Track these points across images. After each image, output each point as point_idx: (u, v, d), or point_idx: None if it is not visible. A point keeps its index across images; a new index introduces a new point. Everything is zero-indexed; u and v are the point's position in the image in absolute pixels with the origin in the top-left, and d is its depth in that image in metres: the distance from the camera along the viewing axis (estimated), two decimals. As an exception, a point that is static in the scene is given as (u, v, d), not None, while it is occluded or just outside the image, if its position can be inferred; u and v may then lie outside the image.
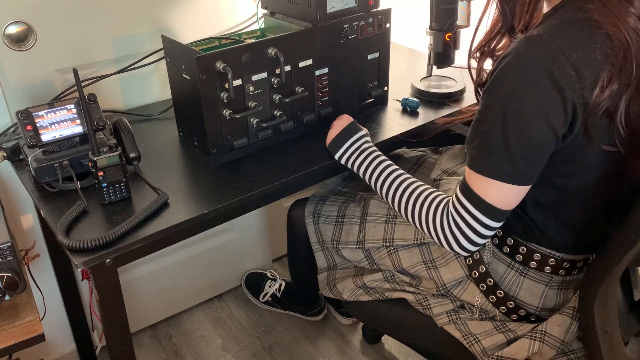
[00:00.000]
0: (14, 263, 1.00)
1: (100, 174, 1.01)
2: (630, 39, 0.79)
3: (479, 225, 0.89)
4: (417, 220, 0.98)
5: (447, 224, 0.92)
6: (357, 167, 1.12)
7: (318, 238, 1.30)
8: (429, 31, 1.37)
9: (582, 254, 1.00)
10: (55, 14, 1.28)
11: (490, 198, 0.87)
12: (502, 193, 0.87)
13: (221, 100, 1.10)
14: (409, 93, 1.45)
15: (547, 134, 0.83)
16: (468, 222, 0.90)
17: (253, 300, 1.87)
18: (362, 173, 1.11)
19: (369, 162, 1.10)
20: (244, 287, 1.90)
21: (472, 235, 0.90)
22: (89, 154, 1.01)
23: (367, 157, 1.11)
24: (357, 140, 1.14)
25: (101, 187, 1.03)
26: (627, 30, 0.79)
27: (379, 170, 1.08)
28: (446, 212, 0.93)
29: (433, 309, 1.10)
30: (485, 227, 0.89)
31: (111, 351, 1.05)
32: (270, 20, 1.33)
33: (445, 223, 0.93)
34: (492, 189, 0.87)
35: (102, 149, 1.01)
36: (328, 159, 1.17)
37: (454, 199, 0.92)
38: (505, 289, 1.03)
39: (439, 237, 0.95)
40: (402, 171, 1.06)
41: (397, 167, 1.08)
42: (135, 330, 1.77)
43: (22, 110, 1.05)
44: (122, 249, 0.95)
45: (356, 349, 1.71)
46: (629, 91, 0.81)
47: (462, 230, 0.91)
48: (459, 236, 0.91)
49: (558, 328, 0.97)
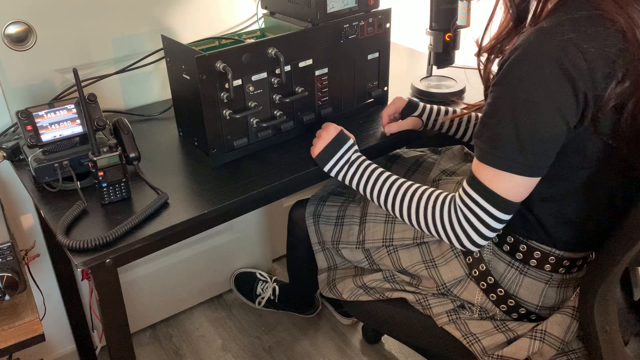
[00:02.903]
0: (14, 263, 1.00)
1: (100, 174, 1.01)
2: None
3: (489, 217, 0.89)
4: (423, 222, 0.97)
5: (457, 218, 0.92)
6: (349, 180, 1.10)
7: (318, 239, 1.30)
8: (429, 31, 1.37)
9: (581, 251, 1.00)
10: (55, 14, 1.28)
11: (501, 190, 0.87)
12: (513, 185, 0.87)
13: (221, 100, 1.10)
14: (409, 93, 1.45)
15: (558, 124, 0.82)
16: (478, 215, 0.89)
17: (247, 303, 1.86)
18: (355, 184, 1.09)
19: (362, 173, 1.08)
20: (235, 289, 1.88)
21: (482, 229, 0.90)
22: (89, 154, 1.01)
23: (358, 167, 1.09)
24: (347, 151, 1.11)
25: (101, 187, 1.03)
26: (638, 28, 0.79)
27: (373, 179, 1.06)
28: (454, 208, 0.92)
29: (433, 309, 1.10)
30: (495, 219, 0.89)
31: (111, 351, 1.05)
32: (270, 20, 1.33)
33: (454, 218, 0.92)
34: (502, 181, 0.87)
35: (102, 149, 1.01)
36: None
37: (461, 194, 0.92)
38: (506, 287, 1.03)
39: (447, 234, 0.94)
40: (396, 176, 1.05)
41: (391, 173, 1.07)
42: (135, 330, 1.77)
43: (22, 110, 1.05)
44: (122, 249, 0.95)
45: (356, 349, 1.71)
46: (639, 92, 0.81)
47: (473, 224, 0.90)
48: (469, 230, 0.91)
49: (558, 327, 0.97)
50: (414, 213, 0.99)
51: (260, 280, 1.85)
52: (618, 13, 0.79)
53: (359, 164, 1.09)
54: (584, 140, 0.87)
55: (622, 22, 0.79)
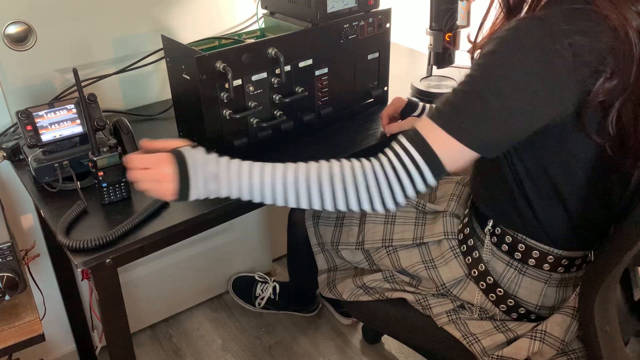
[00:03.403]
0: (14, 263, 1.00)
1: (100, 174, 1.01)
2: (633, 38, 0.79)
3: (418, 176, 0.84)
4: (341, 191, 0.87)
5: (384, 174, 0.85)
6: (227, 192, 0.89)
7: (318, 240, 1.30)
8: (429, 31, 1.37)
9: (580, 250, 1.00)
10: (55, 14, 1.28)
11: (440, 152, 0.83)
12: (455, 152, 0.83)
13: (221, 100, 1.10)
14: (409, 93, 1.45)
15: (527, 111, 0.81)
16: (408, 169, 0.84)
17: (246, 306, 1.85)
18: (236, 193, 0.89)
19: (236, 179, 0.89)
20: (232, 294, 1.87)
21: (408, 186, 0.85)
22: (89, 154, 1.01)
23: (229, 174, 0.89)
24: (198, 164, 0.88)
25: (101, 187, 1.03)
26: (631, 28, 0.79)
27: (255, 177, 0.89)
28: (379, 164, 0.86)
29: (433, 309, 1.10)
30: (423, 179, 0.84)
31: (111, 351, 1.05)
32: (270, 20, 1.33)
33: (380, 174, 0.85)
34: (447, 145, 0.83)
35: (102, 149, 1.01)
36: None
37: (393, 145, 0.87)
38: (505, 287, 1.03)
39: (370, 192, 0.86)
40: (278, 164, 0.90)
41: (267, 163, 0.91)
42: (135, 330, 1.77)
43: (22, 110, 1.05)
44: (122, 249, 0.95)
45: (356, 349, 1.71)
46: (627, 92, 0.81)
47: (400, 179, 0.84)
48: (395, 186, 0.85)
49: (558, 328, 0.97)
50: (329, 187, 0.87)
51: (259, 282, 1.85)
52: (612, 11, 0.79)
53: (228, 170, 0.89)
54: (569, 137, 0.86)
55: (615, 19, 0.79)
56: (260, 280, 1.85)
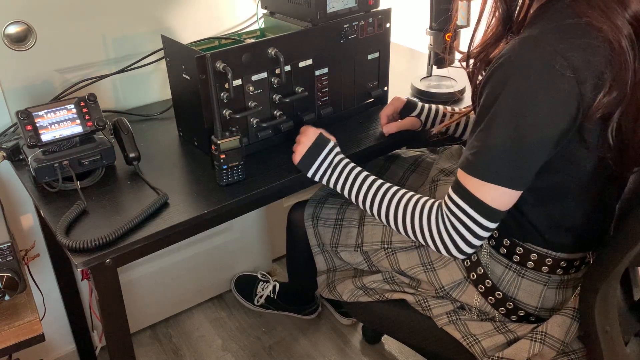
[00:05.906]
0: (13, 263, 1.00)
1: (222, 156, 1.06)
2: (626, 47, 0.79)
3: (476, 226, 0.88)
4: (410, 229, 0.96)
5: (444, 226, 0.91)
6: (333, 183, 1.08)
7: (317, 241, 1.30)
8: (429, 31, 1.37)
9: (578, 252, 1.00)
10: (55, 14, 1.28)
11: (487, 199, 0.86)
12: (499, 195, 0.86)
13: (221, 100, 1.10)
14: (409, 93, 1.45)
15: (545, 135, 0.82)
16: (465, 223, 0.89)
17: (246, 304, 1.85)
18: (340, 188, 1.08)
19: (346, 176, 1.07)
20: (235, 291, 1.88)
21: (469, 237, 0.89)
22: (212, 138, 1.06)
23: (342, 171, 1.07)
24: (328, 154, 1.09)
25: (221, 169, 1.07)
26: (623, 37, 0.79)
27: (358, 183, 1.05)
28: (441, 215, 0.92)
29: (433, 310, 1.10)
30: (482, 227, 0.88)
31: (111, 351, 1.05)
32: (270, 20, 1.33)
33: (441, 226, 0.91)
34: (488, 191, 0.86)
35: (224, 133, 1.06)
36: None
37: (447, 201, 0.91)
38: (504, 289, 1.03)
39: (435, 242, 0.93)
40: (382, 181, 1.04)
41: (376, 177, 1.05)
42: (135, 330, 1.77)
43: (22, 110, 1.05)
44: (122, 249, 0.95)
45: (356, 349, 1.71)
46: (625, 101, 0.81)
47: (460, 232, 0.90)
48: (456, 238, 0.90)
49: (558, 329, 0.97)
50: (401, 220, 0.98)
51: (261, 281, 1.85)
52: (604, 22, 0.79)
53: (343, 167, 1.08)
54: (570, 149, 0.86)
55: (608, 30, 0.79)
56: (262, 279, 1.86)
